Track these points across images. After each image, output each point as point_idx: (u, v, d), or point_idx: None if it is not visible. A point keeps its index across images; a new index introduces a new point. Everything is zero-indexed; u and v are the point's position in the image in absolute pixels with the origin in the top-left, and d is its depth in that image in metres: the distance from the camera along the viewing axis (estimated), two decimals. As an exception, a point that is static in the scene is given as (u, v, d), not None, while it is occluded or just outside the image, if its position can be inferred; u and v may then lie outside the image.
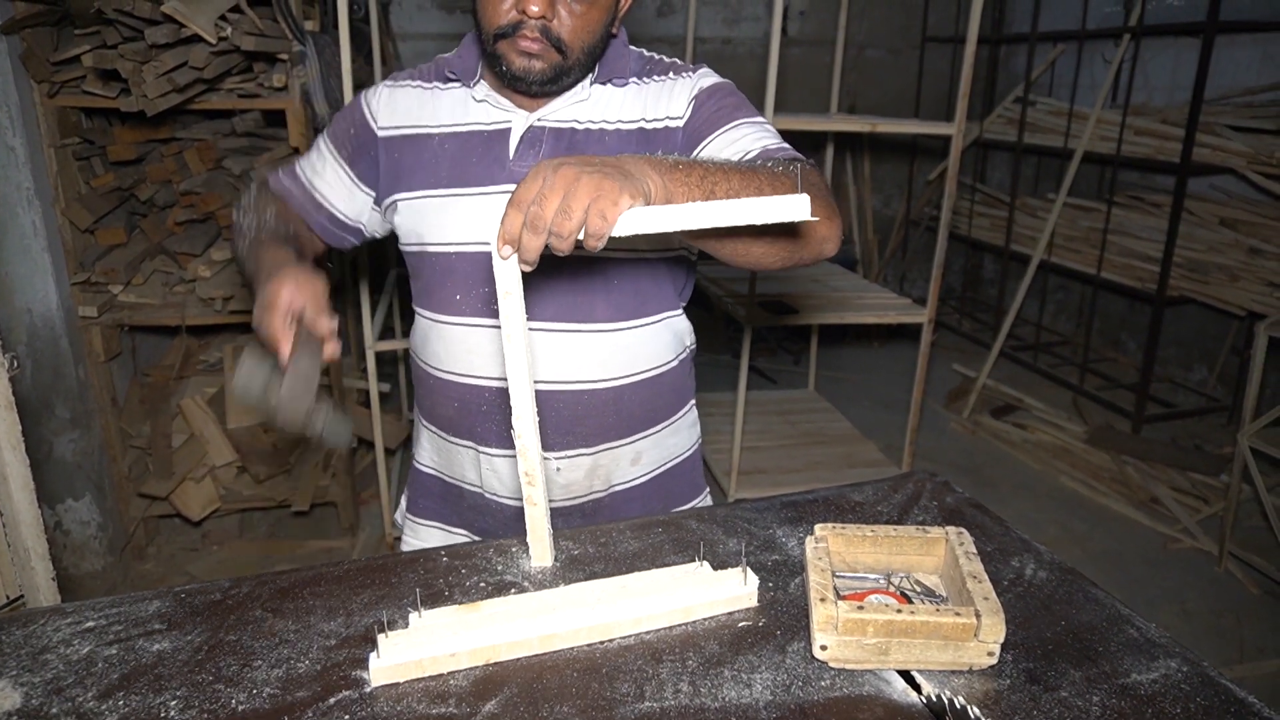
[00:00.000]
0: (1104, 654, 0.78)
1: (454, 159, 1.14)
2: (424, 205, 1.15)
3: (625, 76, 1.15)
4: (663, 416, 1.26)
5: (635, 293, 1.17)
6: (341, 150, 1.22)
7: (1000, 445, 3.77)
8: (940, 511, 1.04)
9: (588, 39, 1.06)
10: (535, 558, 0.92)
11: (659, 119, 1.13)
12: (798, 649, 0.78)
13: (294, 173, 1.26)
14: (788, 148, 1.07)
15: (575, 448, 1.19)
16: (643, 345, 1.19)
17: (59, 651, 0.78)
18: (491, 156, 1.13)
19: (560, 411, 1.16)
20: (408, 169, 1.17)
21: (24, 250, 2.33)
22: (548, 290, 1.12)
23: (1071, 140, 4.20)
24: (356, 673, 0.75)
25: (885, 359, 4.85)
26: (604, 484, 1.23)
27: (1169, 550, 2.97)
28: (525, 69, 1.05)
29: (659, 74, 1.16)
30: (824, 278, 3.36)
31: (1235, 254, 3.60)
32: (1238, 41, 3.76)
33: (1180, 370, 4.26)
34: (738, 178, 0.89)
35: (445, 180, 1.14)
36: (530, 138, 1.12)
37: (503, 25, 1.03)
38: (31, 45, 2.20)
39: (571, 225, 0.75)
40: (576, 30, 1.04)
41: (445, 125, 1.16)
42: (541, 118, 1.13)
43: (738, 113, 1.10)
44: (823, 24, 4.82)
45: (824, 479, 3.05)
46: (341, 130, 1.22)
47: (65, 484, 2.55)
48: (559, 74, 1.07)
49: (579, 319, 1.13)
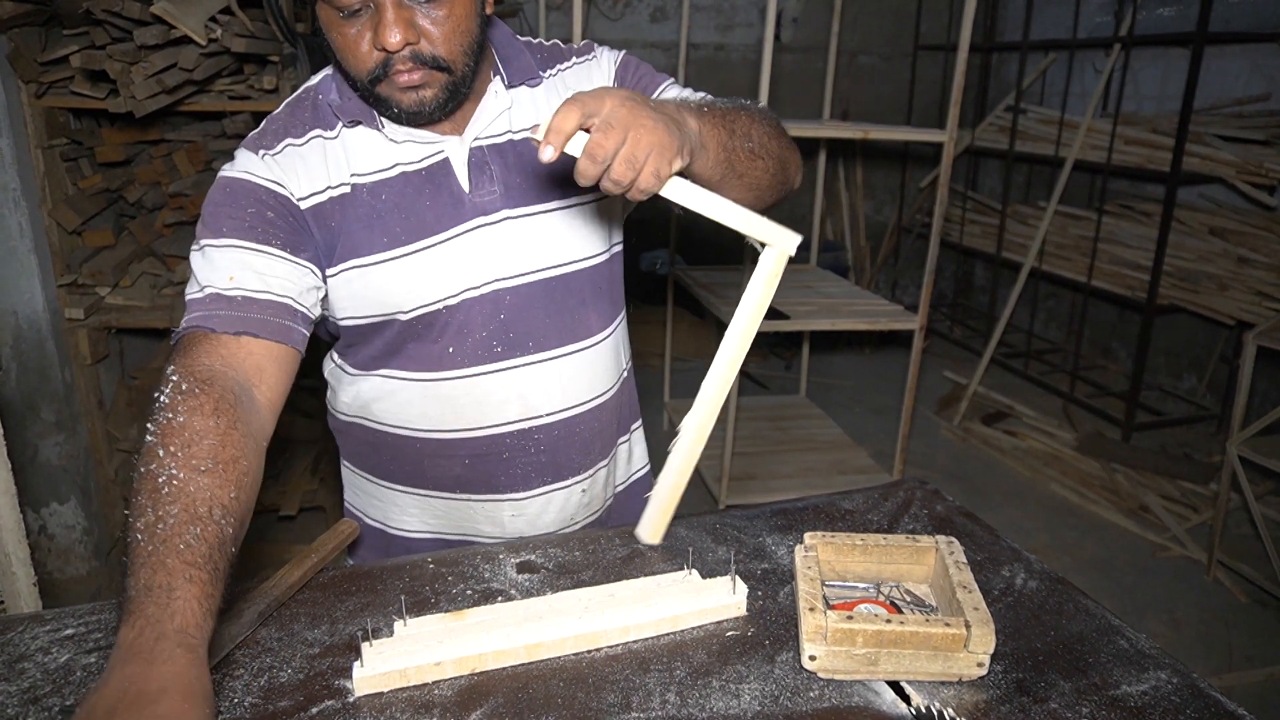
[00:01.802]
0: (1094, 665, 0.77)
1: (401, 209, 0.99)
2: (385, 270, 0.99)
3: (536, 74, 1.07)
4: (639, 408, 1.29)
5: (611, 291, 1.15)
6: (271, 241, 0.95)
7: (991, 452, 3.77)
8: (930, 520, 1.03)
9: (463, 40, 0.93)
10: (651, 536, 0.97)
11: None
12: (786, 659, 0.77)
13: (220, 299, 0.91)
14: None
15: (595, 464, 1.16)
16: (623, 340, 1.19)
17: (36, 660, 0.76)
18: (445, 195, 1.01)
19: (581, 433, 1.12)
20: (348, 234, 0.99)
21: (10, 252, 2.31)
22: (548, 315, 1.07)
23: (1062, 149, 4.22)
24: (340, 682, 0.74)
25: (877, 365, 4.85)
26: (612, 489, 1.23)
27: (1158, 558, 2.98)
28: (417, 103, 0.94)
29: (561, 62, 1.10)
30: (816, 284, 3.36)
31: (1224, 263, 3.62)
32: (1227, 52, 3.78)
33: (1170, 378, 4.28)
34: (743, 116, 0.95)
35: (402, 237, 0.99)
36: (476, 162, 1.02)
37: (371, 70, 0.91)
38: (19, 45, 2.18)
39: (633, 176, 0.75)
40: (447, 39, 0.92)
41: (367, 174, 1.00)
42: (476, 137, 1.02)
43: (656, 79, 1.11)
44: (816, 31, 4.84)
45: (815, 485, 3.05)
46: (249, 221, 0.95)
47: (50, 488, 2.52)
48: (454, 92, 0.95)
49: (580, 336, 1.10)
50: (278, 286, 0.94)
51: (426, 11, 0.90)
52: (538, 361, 1.07)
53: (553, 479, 1.12)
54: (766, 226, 0.86)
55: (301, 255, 0.97)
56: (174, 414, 0.80)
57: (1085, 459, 3.55)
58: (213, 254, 0.94)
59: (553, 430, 1.09)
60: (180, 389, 0.82)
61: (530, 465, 1.10)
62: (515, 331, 1.05)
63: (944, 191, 2.69)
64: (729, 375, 0.89)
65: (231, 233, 0.94)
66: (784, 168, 1.01)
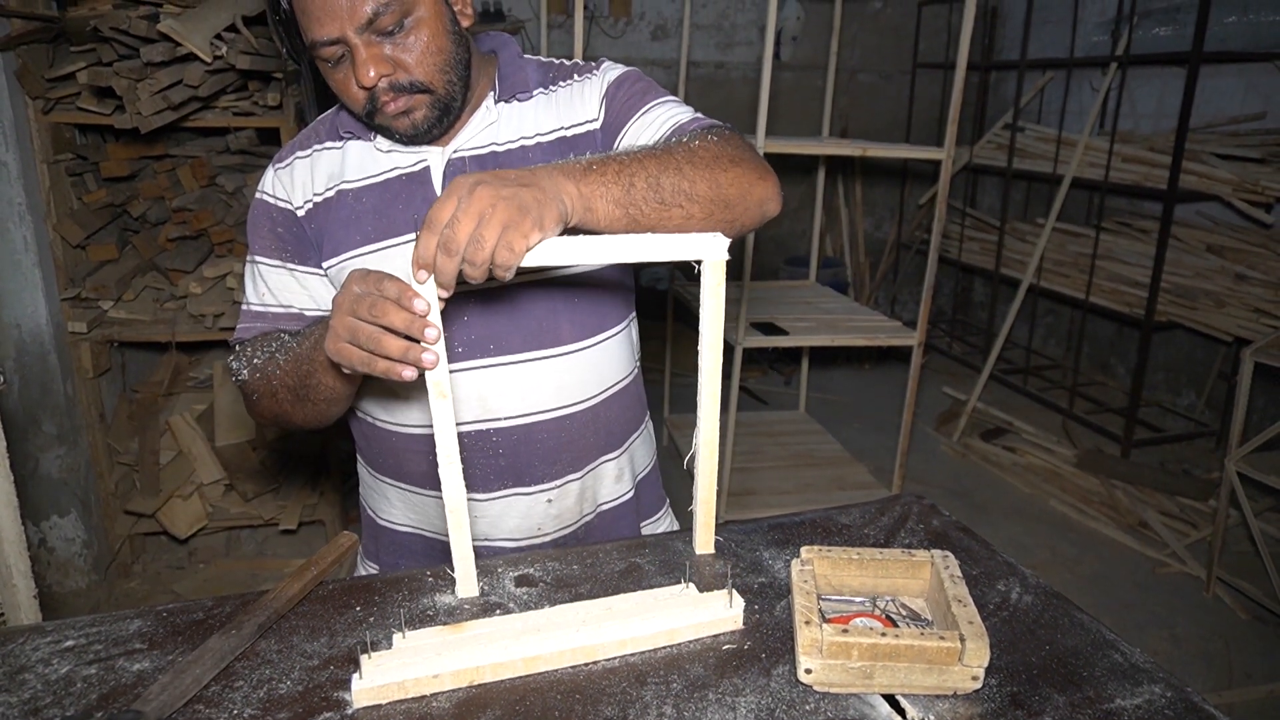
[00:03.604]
0: (1088, 679, 0.78)
1: (377, 211, 1.08)
2: (356, 265, 1.06)
3: (528, 89, 1.11)
4: (633, 428, 1.25)
5: (596, 307, 1.15)
6: (282, 255, 1.12)
7: (990, 468, 3.77)
8: (927, 534, 1.04)
9: (437, 60, 0.99)
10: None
11: (577, 124, 1.10)
12: (782, 672, 0.78)
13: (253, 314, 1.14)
14: (702, 118, 1.05)
15: (563, 475, 1.16)
16: (611, 358, 1.18)
17: (37, 671, 0.77)
18: (418, 199, 1.07)
19: (545, 441, 1.13)
20: (330, 234, 1.09)
21: (14, 265, 2.32)
22: (511, 320, 1.09)
23: (1060, 166, 4.25)
24: (338, 694, 0.74)
25: (876, 381, 4.86)
26: (592, 505, 1.22)
27: (1157, 574, 2.97)
28: (410, 126, 1.01)
29: (564, 79, 1.12)
30: (815, 300, 3.38)
31: (1222, 280, 3.63)
32: (1222, 71, 3.82)
33: (1168, 395, 4.29)
34: (653, 163, 0.88)
35: (372, 235, 1.07)
36: (453, 171, 1.07)
37: (363, 107, 1.00)
38: (27, 62, 2.21)
39: (484, 255, 0.74)
40: (421, 62, 0.98)
41: (357, 180, 1.09)
42: (458, 149, 1.08)
43: (646, 97, 1.08)
44: (815, 49, 4.88)
45: (814, 501, 3.05)
46: (267, 239, 1.12)
47: (51, 500, 2.53)
48: (444, 109, 1.02)
49: (546, 344, 1.11)
50: (285, 298, 1.13)
51: (396, 42, 0.96)
52: (498, 365, 1.09)
53: (513, 483, 1.14)
54: (686, 244, 0.83)
55: (308, 263, 1.12)
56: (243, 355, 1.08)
57: (1084, 475, 3.55)
58: (250, 268, 1.14)
59: (511, 435, 1.12)
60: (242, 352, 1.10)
61: (489, 467, 1.12)
62: (477, 334, 1.08)
63: (942, 208, 2.71)
64: (714, 387, 0.91)
65: (258, 250, 1.13)
66: (725, 208, 0.94)
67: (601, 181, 0.85)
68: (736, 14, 4.81)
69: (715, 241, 0.84)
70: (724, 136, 0.97)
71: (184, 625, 0.83)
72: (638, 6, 4.71)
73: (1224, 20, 3.72)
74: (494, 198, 0.75)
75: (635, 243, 0.81)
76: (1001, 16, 5.12)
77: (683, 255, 0.83)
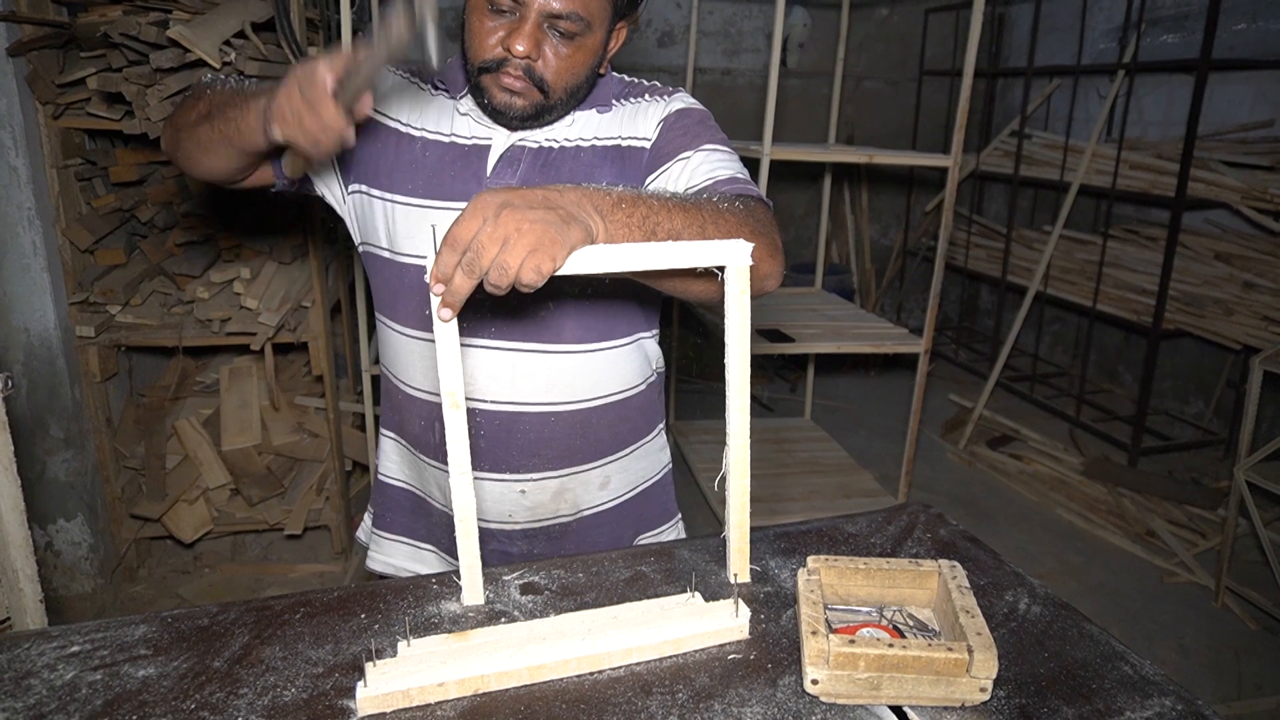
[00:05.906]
0: (1097, 691, 0.77)
1: (432, 169, 1.12)
2: (396, 210, 1.13)
3: (608, 103, 1.16)
4: (630, 440, 1.25)
5: (606, 313, 1.16)
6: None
7: (996, 476, 3.76)
8: (934, 544, 1.03)
9: (571, 80, 1.07)
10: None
11: (633, 138, 1.14)
12: (789, 683, 0.77)
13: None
14: (741, 178, 1.06)
15: (541, 470, 1.17)
16: (611, 367, 1.18)
17: (42, 676, 0.77)
18: (470, 172, 1.12)
19: (526, 433, 1.15)
20: (386, 166, 1.14)
21: (23, 269, 2.33)
22: (515, 310, 1.11)
23: (1067, 173, 4.24)
24: (343, 702, 0.74)
25: (882, 388, 4.85)
26: (571, 508, 1.22)
27: (1166, 584, 2.96)
28: (506, 104, 1.06)
29: (636, 96, 1.17)
30: (821, 307, 3.37)
31: (1230, 288, 3.62)
32: (1230, 79, 3.81)
33: (1176, 403, 4.27)
34: (680, 215, 0.89)
35: (422, 190, 1.12)
36: (509, 156, 1.12)
37: (488, 60, 1.04)
38: (37, 67, 2.22)
39: (508, 279, 0.74)
40: (560, 72, 1.05)
41: (429, 132, 1.14)
42: (523, 137, 1.13)
43: (700, 139, 1.10)
44: (822, 56, 4.88)
45: (820, 508, 3.04)
46: None
47: (58, 504, 2.53)
48: (540, 112, 1.08)
49: (547, 339, 1.12)
50: None
51: (557, 42, 1.03)
52: (491, 348, 1.11)
53: (489, 468, 1.16)
54: (711, 250, 0.82)
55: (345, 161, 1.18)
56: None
57: (1091, 483, 3.53)
58: None
59: (494, 419, 1.13)
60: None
61: (479, 448, 1.14)
62: (480, 314, 1.10)
63: (949, 215, 2.70)
64: (743, 401, 0.88)
65: None
66: None
67: (627, 223, 0.85)
68: (743, 21, 4.82)
69: (739, 248, 0.82)
70: (750, 208, 0.98)
71: (189, 631, 0.83)
72: (644, 13, 4.72)
73: (1232, 27, 3.72)
74: (520, 220, 0.74)
75: (657, 250, 0.81)
76: (1008, 23, 5.12)
77: (705, 262, 0.82)
